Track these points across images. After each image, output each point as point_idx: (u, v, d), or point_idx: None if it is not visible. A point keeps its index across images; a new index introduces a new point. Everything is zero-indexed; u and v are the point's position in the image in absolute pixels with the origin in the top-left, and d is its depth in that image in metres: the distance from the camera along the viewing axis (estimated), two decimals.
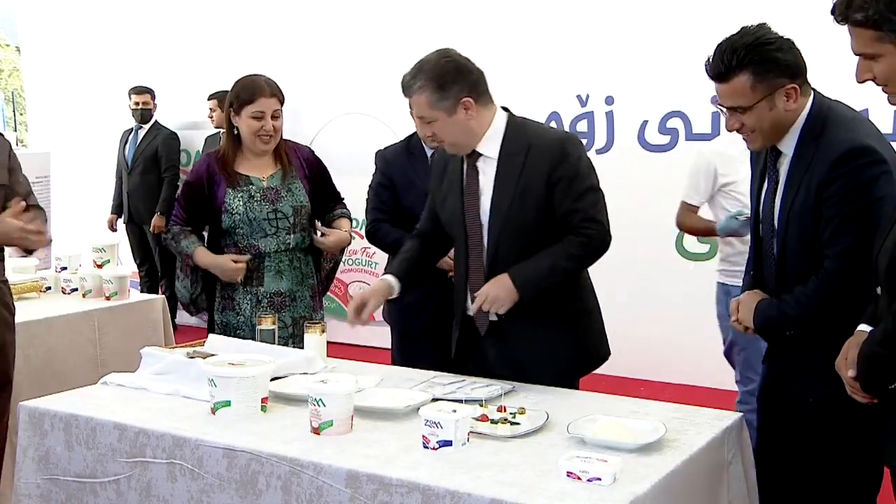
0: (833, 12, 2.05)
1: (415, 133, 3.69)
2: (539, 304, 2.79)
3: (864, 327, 2.16)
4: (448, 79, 2.73)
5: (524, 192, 2.77)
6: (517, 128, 2.83)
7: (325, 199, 3.71)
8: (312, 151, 3.75)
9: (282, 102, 3.51)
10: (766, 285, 2.58)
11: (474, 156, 2.85)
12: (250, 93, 3.45)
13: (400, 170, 3.67)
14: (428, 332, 3.73)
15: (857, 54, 2.06)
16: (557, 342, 2.86)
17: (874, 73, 2.02)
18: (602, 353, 3.02)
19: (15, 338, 3.42)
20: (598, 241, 2.79)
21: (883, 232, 2.07)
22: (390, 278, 3.00)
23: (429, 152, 3.65)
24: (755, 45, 2.35)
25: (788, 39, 2.39)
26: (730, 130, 2.49)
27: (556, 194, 2.76)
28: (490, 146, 2.81)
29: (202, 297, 3.64)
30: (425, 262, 3.15)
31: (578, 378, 2.98)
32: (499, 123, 2.83)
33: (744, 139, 2.51)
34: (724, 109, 2.45)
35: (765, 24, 2.42)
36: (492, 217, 2.82)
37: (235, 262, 3.48)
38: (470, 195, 2.86)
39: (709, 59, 2.42)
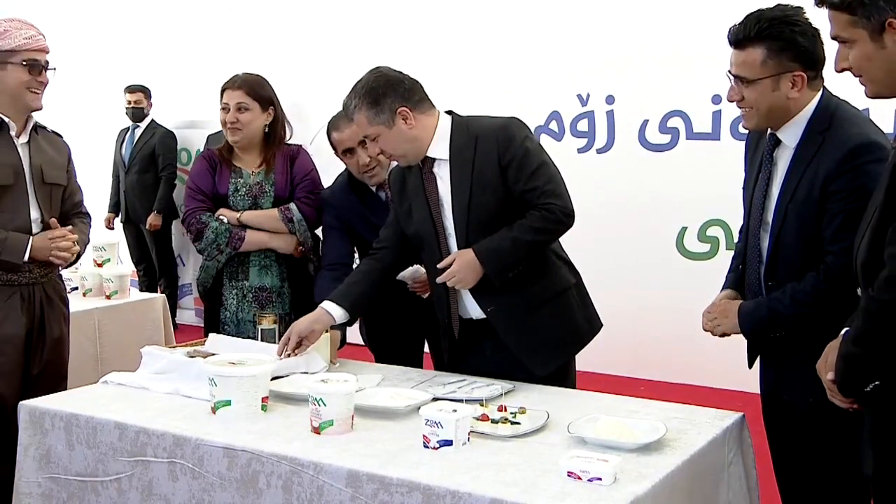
0: None
1: (346, 173, 3.47)
2: (516, 294, 2.82)
3: (844, 332, 2.12)
4: (379, 93, 2.77)
5: (480, 183, 2.79)
6: (462, 125, 2.86)
7: (295, 185, 3.60)
8: (300, 146, 3.72)
9: (254, 96, 3.50)
10: (747, 282, 2.57)
11: (428, 162, 2.87)
12: (222, 88, 3.53)
13: (353, 212, 3.39)
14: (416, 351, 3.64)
15: (833, 38, 2.03)
16: (542, 327, 2.87)
17: (850, 61, 2.00)
18: (592, 326, 3.01)
19: (69, 332, 3.44)
20: (559, 212, 2.77)
21: (861, 230, 2.04)
22: (332, 307, 2.94)
23: (373, 187, 3.42)
24: (780, 20, 2.34)
25: (815, 28, 2.36)
26: (730, 101, 2.47)
27: (509, 177, 2.78)
28: (440, 148, 2.85)
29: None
30: (377, 284, 3.07)
31: (573, 355, 2.98)
32: (444, 126, 2.86)
33: (741, 115, 2.50)
34: (732, 78, 2.43)
35: (801, 8, 2.39)
36: (456, 218, 2.85)
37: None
38: (434, 202, 2.89)
39: (734, 25, 2.41)
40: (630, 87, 5.73)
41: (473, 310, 2.91)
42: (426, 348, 3.79)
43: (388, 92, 2.77)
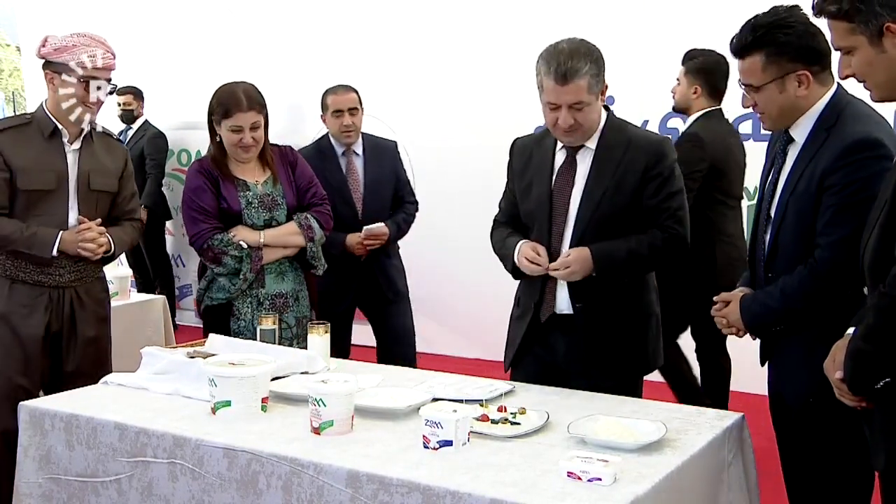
0: (813, 7, 2.06)
1: (325, 135, 4.40)
2: (609, 301, 2.84)
3: (853, 331, 2.12)
4: (602, 62, 2.82)
5: (619, 184, 2.83)
6: (617, 125, 2.92)
7: (303, 193, 3.63)
8: (291, 149, 3.71)
9: (262, 111, 3.45)
10: (756, 277, 2.57)
11: (576, 147, 2.90)
12: (226, 108, 3.41)
13: (314, 170, 3.78)
14: (348, 314, 4.32)
15: (835, 48, 2.06)
16: (616, 342, 2.88)
17: (853, 68, 2.01)
18: (655, 361, 3.03)
19: (110, 331, 3.52)
20: (679, 240, 2.84)
21: (868, 229, 2.05)
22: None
23: (339, 150, 4.34)
24: (774, 25, 2.37)
25: (813, 26, 2.37)
26: (745, 107, 2.53)
27: (647, 188, 2.82)
28: (591, 139, 2.88)
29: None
30: None
31: (637, 379, 2.97)
32: (601, 120, 2.91)
33: (759, 118, 2.54)
34: (742, 87, 2.48)
35: (797, 6, 2.42)
36: (582, 206, 2.86)
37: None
38: (562, 184, 2.90)
39: (734, 36, 2.44)
40: (630, 87, 5.72)
41: (561, 304, 2.90)
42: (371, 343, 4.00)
43: (603, 64, 2.82)
